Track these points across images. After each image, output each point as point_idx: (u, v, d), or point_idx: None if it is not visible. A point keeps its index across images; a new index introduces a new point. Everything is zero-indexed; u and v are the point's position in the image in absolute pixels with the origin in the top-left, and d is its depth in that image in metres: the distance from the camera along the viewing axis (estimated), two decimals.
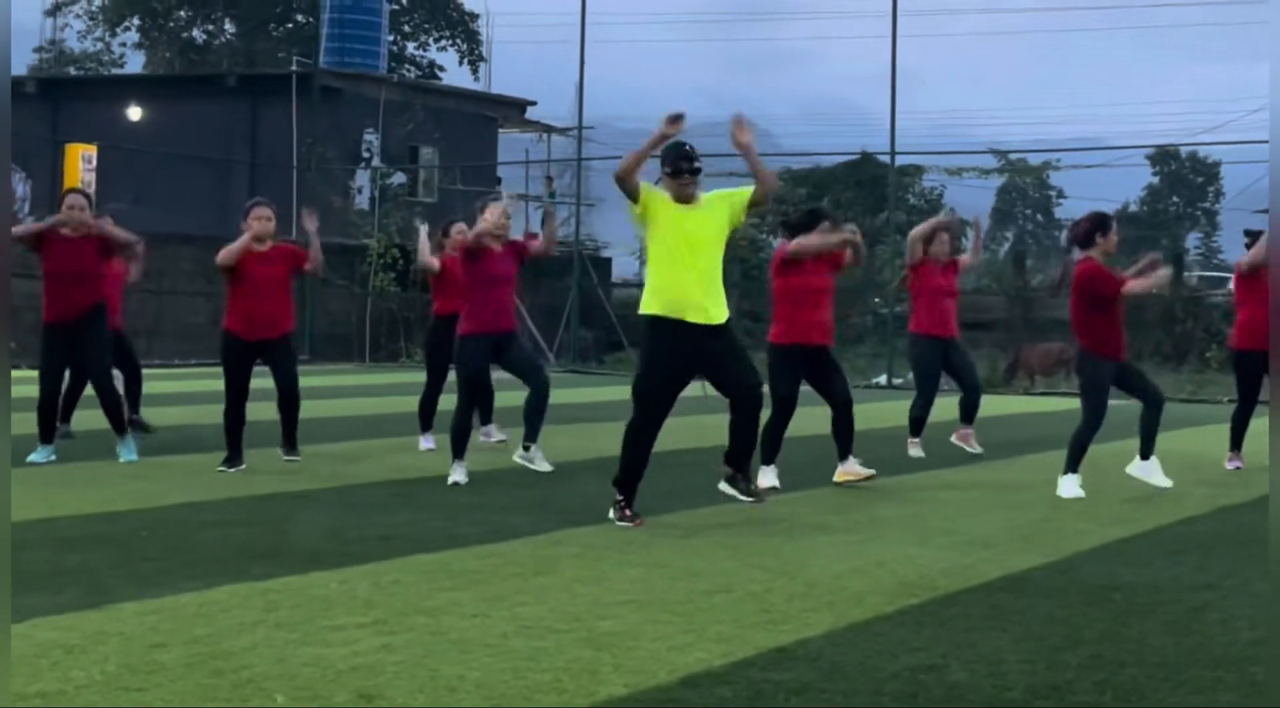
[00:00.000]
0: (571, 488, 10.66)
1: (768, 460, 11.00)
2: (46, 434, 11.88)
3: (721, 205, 9.11)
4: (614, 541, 8.35)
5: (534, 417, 11.21)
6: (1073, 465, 10.71)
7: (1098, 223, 10.81)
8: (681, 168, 9.04)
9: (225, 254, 11.21)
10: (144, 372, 14.92)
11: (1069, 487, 10.65)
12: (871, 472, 11.10)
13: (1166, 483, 10.79)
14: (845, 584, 7.14)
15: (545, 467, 11.05)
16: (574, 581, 7.13)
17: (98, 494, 9.96)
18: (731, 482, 9.17)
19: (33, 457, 11.70)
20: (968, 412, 13.57)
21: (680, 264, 8.89)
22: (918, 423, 13.47)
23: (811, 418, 12.84)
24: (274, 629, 5.98)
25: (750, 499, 9.13)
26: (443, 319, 12.75)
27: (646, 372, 8.98)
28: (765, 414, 9.70)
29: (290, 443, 11.90)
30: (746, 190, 9.21)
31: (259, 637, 5.84)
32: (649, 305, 8.92)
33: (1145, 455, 10.89)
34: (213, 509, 9.37)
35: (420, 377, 13.67)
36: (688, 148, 9.14)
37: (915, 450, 13.37)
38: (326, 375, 26.96)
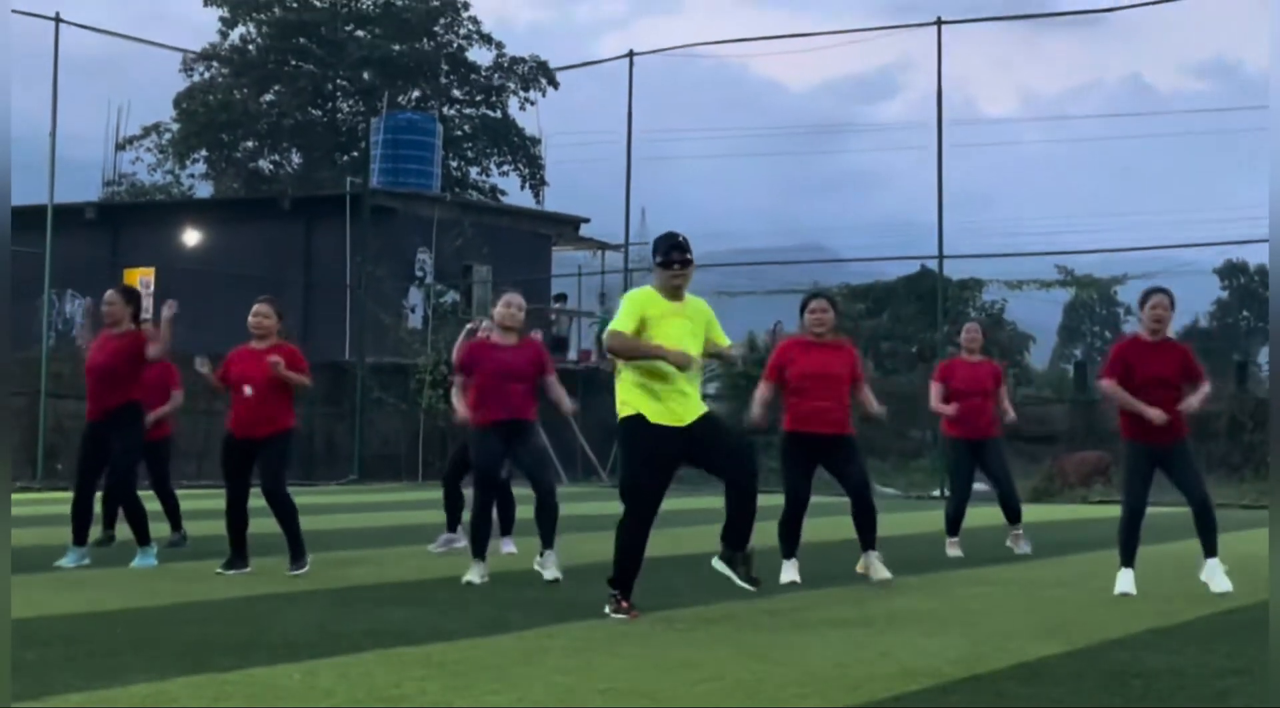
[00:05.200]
0: (580, 587, 10.22)
1: (787, 555, 10.59)
2: (79, 535, 11.57)
3: (703, 317, 8.82)
4: (609, 634, 7.91)
5: (542, 523, 10.57)
6: (1124, 558, 10.06)
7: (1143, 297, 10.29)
8: (673, 259, 8.66)
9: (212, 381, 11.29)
10: (196, 490, 14.68)
11: (1122, 582, 10.01)
12: (887, 576, 10.53)
13: (1226, 587, 10.06)
14: (844, 673, 6.67)
15: (552, 574, 10.45)
16: (555, 671, 6.70)
17: (93, 595, 9.62)
18: (729, 562, 8.64)
19: (62, 561, 11.42)
20: (1009, 511, 13.16)
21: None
22: (952, 522, 13.07)
23: (838, 525, 12.34)
24: None
25: (748, 585, 8.58)
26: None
27: (632, 470, 8.59)
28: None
29: (293, 552, 11.10)
30: (723, 337, 8.92)
31: None
32: (634, 404, 8.54)
33: (1207, 554, 10.11)
34: (201, 608, 9.01)
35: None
36: (681, 239, 8.75)
37: (953, 550, 12.93)
38: (371, 493, 26.66)
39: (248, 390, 10.96)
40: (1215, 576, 10.06)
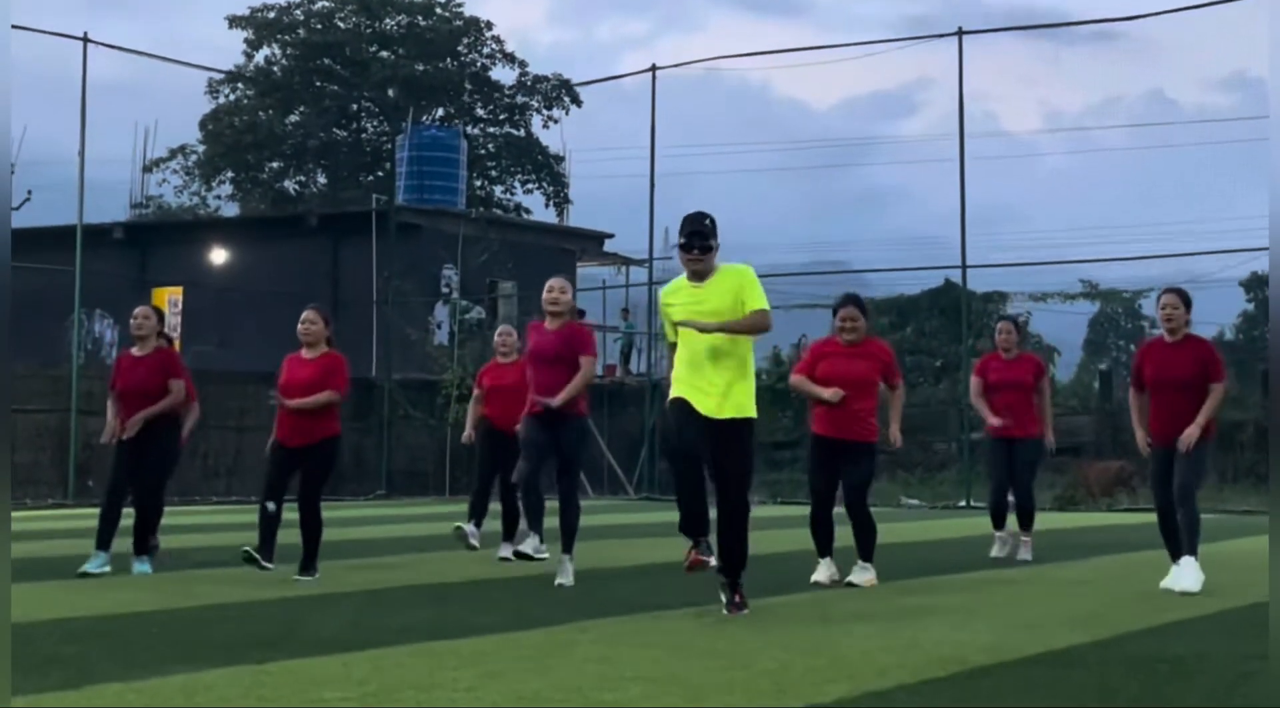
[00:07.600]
0: (606, 586, 10.31)
1: (820, 553, 10.62)
2: (102, 541, 11.55)
3: (732, 292, 8.60)
4: (638, 628, 8.00)
5: (562, 527, 10.53)
6: (1170, 554, 10.03)
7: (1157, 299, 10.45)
8: (692, 244, 8.62)
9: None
10: (226, 507, 14.68)
11: (1172, 578, 9.91)
12: (859, 583, 10.36)
13: (1191, 587, 9.77)
14: (870, 660, 6.74)
15: (561, 580, 10.40)
16: (586, 660, 6.79)
17: (127, 596, 9.73)
18: (721, 588, 8.69)
19: (86, 566, 11.39)
20: (1021, 513, 13.10)
21: (694, 347, 8.58)
22: (996, 515, 13.28)
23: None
24: (254, 702, 5.69)
25: (726, 612, 8.53)
26: (488, 421, 12.68)
27: (673, 434, 8.65)
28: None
29: (306, 563, 11.01)
30: (756, 301, 8.55)
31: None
32: (673, 390, 8.67)
33: (1188, 552, 9.95)
34: (234, 609, 9.11)
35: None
36: (706, 222, 8.63)
37: (997, 548, 13.13)
38: (398, 507, 26.79)
39: (286, 402, 11.03)
40: (1179, 574, 9.87)
